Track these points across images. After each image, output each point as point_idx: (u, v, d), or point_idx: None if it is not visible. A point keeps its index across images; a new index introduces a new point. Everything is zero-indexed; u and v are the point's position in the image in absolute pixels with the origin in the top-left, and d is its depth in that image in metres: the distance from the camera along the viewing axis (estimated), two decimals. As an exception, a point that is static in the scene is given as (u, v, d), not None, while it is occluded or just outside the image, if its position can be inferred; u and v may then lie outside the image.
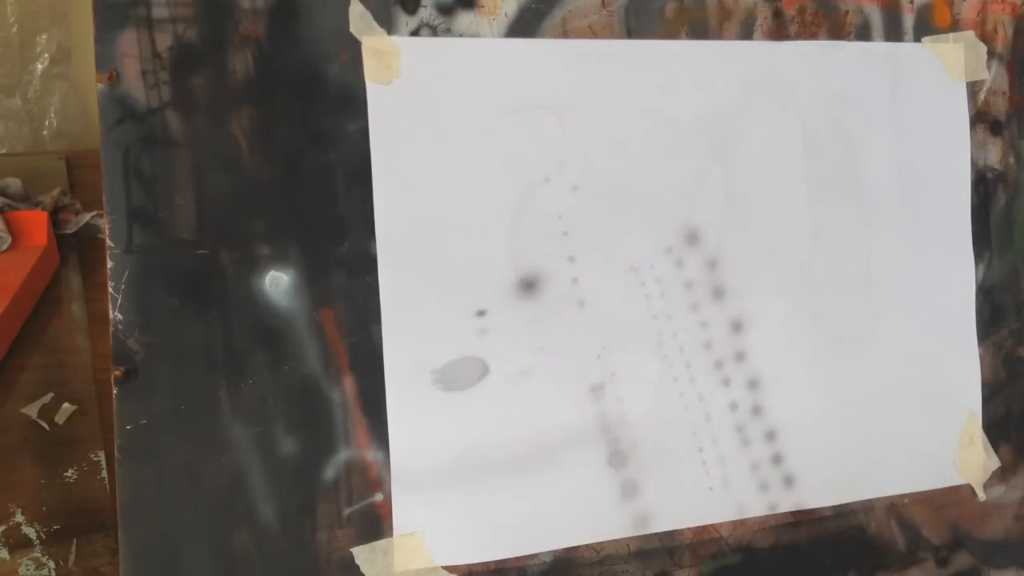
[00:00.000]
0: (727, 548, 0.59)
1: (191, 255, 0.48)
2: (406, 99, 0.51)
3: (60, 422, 0.63)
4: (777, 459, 0.59)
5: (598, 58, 0.55)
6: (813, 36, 0.60)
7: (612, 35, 0.55)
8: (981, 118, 0.65)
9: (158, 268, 0.47)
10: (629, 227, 0.56)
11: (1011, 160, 0.66)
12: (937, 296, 0.64)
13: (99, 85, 0.46)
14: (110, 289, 0.47)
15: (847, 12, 0.61)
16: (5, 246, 0.65)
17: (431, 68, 0.52)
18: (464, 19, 0.52)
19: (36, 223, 0.66)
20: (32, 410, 0.63)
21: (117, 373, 0.47)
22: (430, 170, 0.52)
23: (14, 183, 0.69)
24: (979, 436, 0.65)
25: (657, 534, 0.57)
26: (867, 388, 0.62)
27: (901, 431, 0.63)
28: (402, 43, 0.51)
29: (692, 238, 0.57)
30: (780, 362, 0.59)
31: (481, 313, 0.53)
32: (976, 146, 0.65)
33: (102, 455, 0.63)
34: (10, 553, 0.60)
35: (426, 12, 0.52)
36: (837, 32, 0.61)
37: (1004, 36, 0.65)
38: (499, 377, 0.53)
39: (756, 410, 0.59)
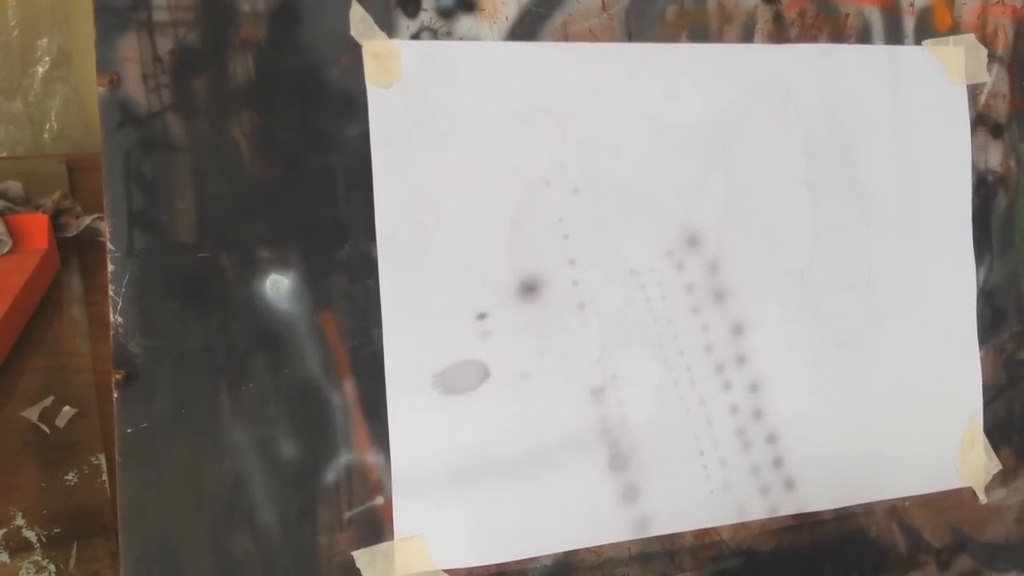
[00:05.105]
0: (728, 551, 0.59)
1: (192, 258, 0.48)
2: (407, 102, 0.51)
3: (61, 425, 0.63)
4: (778, 462, 0.59)
5: (599, 61, 0.55)
6: (814, 39, 0.60)
7: (613, 38, 0.55)
8: (982, 121, 0.65)
9: (159, 271, 0.47)
10: (630, 230, 0.56)
11: (1012, 163, 0.66)
12: (938, 299, 0.64)
13: (100, 89, 0.46)
14: (111, 292, 0.47)
15: (848, 15, 0.61)
16: (6, 249, 0.65)
17: (432, 71, 0.52)
18: (465, 22, 0.52)
19: (37, 226, 0.66)
20: (32, 413, 0.63)
21: (118, 376, 0.47)
22: (431, 173, 0.52)
23: (15, 186, 0.69)
24: (980, 439, 0.65)
25: (658, 537, 0.57)
26: (868, 391, 0.62)
27: (902, 434, 0.63)
28: (403, 46, 0.51)
29: (693, 241, 0.57)
30: (781, 365, 0.59)
31: (482, 316, 0.53)
32: (977, 149, 0.65)
33: (103, 458, 0.63)
34: (11, 556, 0.60)
35: (427, 15, 0.52)
36: (838, 35, 0.61)
37: (1005, 39, 0.65)
38: (500, 380, 0.53)
39: (757, 413, 0.59)
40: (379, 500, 0.51)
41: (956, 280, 0.65)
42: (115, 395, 0.47)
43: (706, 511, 0.58)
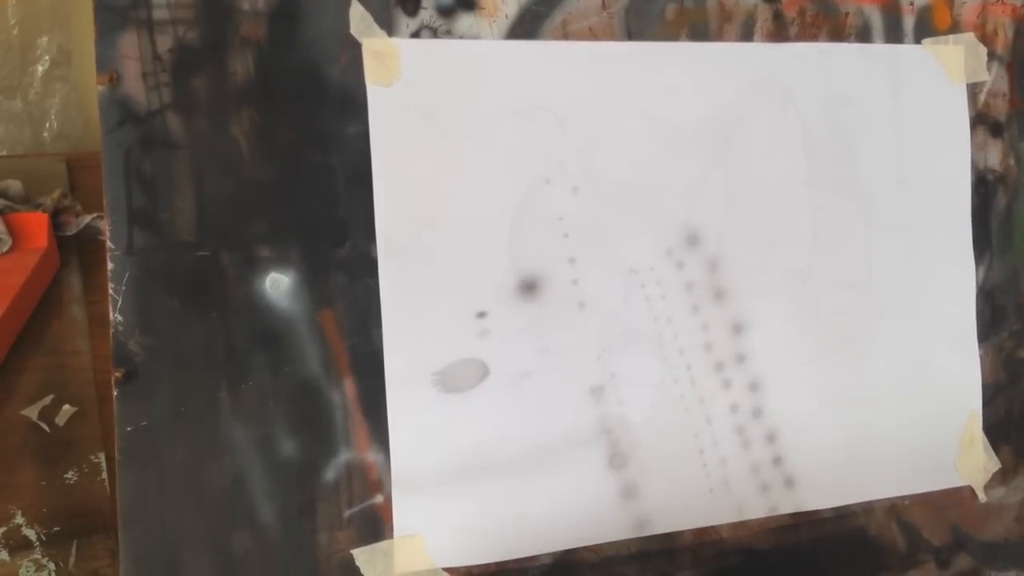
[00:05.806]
0: (728, 550, 0.59)
1: (192, 257, 0.48)
2: (407, 101, 0.51)
3: (60, 424, 0.63)
4: (777, 461, 0.59)
5: (598, 60, 0.55)
6: (813, 38, 0.60)
7: (612, 37, 0.55)
8: (981, 120, 0.65)
9: (158, 270, 0.47)
10: (630, 229, 0.56)
11: (1011, 162, 0.66)
12: (937, 298, 0.64)
13: (100, 87, 0.46)
14: (110, 291, 0.47)
15: (847, 14, 0.61)
16: (6, 248, 0.65)
17: (432, 70, 0.52)
18: (464, 21, 0.52)
19: (37, 225, 0.66)
20: (32, 412, 0.63)
21: (117, 375, 0.47)
22: (430, 172, 0.52)
23: (15, 185, 0.69)
24: (979, 438, 0.65)
25: (657, 536, 0.57)
26: (868, 390, 0.62)
27: (901, 433, 0.63)
28: (402, 45, 0.51)
29: (693, 240, 0.57)
30: (781, 364, 0.59)
31: (481, 315, 0.53)
32: (976, 148, 0.65)
33: (102, 457, 0.63)
34: (10, 555, 0.60)
35: (426, 14, 0.52)
36: (837, 34, 0.61)
37: (1004, 38, 0.65)
38: (499, 379, 0.53)
39: (756, 412, 0.59)
40: (379, 498, 0.51)
41: (956, 279, 0.65)
42: (115, 393, 0.47)
43: (706, 510, 0.58)
